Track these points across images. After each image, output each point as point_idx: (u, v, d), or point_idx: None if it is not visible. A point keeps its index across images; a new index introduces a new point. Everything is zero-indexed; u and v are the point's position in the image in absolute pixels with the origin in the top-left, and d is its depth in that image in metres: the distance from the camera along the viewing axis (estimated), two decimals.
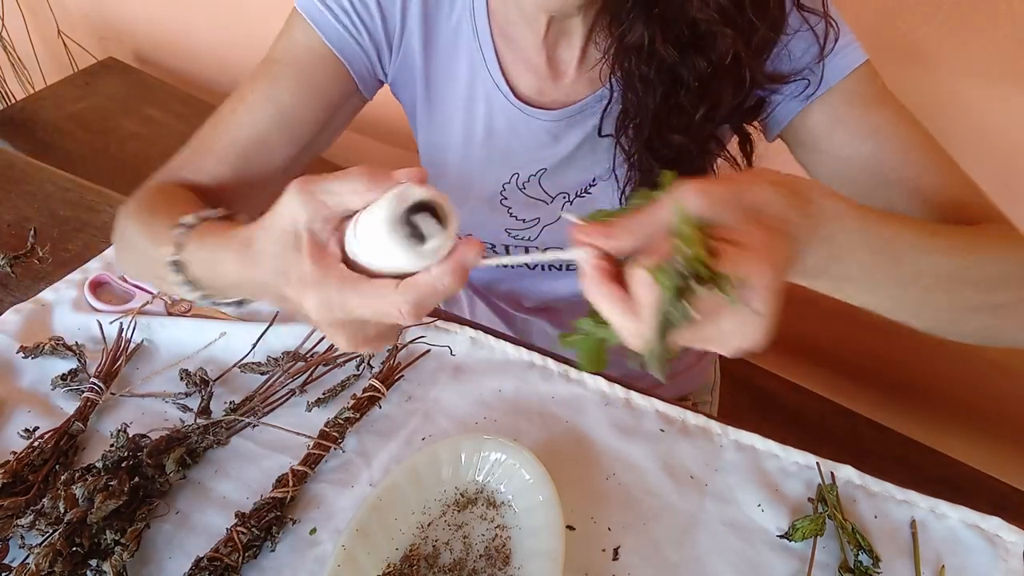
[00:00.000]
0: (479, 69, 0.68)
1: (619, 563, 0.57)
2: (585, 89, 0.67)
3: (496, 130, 0.71)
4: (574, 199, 0.73)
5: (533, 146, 0.70)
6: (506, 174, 0.73)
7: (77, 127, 1.67)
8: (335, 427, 0.63)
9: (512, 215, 0.76)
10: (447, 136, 0.74)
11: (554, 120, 0.68)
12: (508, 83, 0.68)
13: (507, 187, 0.74)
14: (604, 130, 0.67)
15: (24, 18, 1.93)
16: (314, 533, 0.58)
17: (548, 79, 0.68)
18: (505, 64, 0.68)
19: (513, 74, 0.68)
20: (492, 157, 0.72)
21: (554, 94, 0.68)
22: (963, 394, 1.30)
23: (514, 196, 0.74)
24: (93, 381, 0.65)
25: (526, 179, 0.73)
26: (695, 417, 0.67)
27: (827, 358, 1.42)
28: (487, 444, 0.60)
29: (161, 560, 0.56)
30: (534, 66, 0.67)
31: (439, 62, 0.69)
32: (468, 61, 0.68)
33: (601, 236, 0.40)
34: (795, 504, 0.61)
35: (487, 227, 0.78)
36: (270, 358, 0.70)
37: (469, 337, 0.74)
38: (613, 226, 0.40)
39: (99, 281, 0.77)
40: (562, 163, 0.71)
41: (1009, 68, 0.92)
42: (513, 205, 0.75)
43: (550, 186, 0.73)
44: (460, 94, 0.70)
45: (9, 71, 1.97)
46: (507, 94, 0.68)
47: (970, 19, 0.91)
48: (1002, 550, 0.58)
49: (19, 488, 0.57)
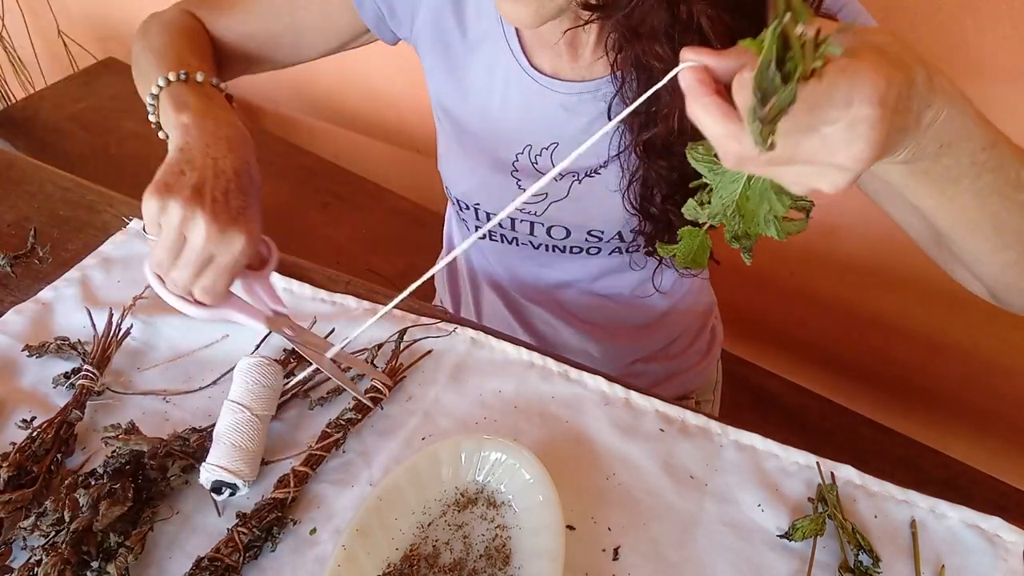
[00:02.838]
0: (499, 41, 0.70)
1: (619, 563, 0.57)
2: (601, 69, 0.68)
3: (511, 101, 0.72)
4: (583, 178, 0.74)
5: (547, 119, 0.72)
6: (519, 145, 0.74)
7: (77, 127, 1.68)
8: (336, 428, 0.63)
9: (521, 188, 0.76)
10: (463, 103, 0.76)
11: (567, 93, 0.69)
12: (526, 55, 0.70)
13: (520, 158, 0.75)
14: (614, 113, 0.67)
15: (24, 18, 1.93)
16: (314, 533, 0.58)
17: (565, 57, 0.69)
18: (524, 38, 0.70)
19: (531, 48, 0.70)
20: (506, 127, 0.74)
21: (570, 72, 0.70)
22: (963, 394, 1.31)
23: (525, 169, 0.75)
24: (87, 369, 0.65)
25: (539, 152, 0.74)
26: (695, 417, 0.67)
27: (827, 358, 1.42)
28: (487, 444, 0.61)
29: (162, 560, 0.56)
30: (551, 44, 0.69)
31: (463, 27, 0.72)
32: (490, 31, 0.70)
33: (708, 54, 0.38)
34: (795, 504, 0.61)
35: (496, 197, 0.79)
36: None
37: (469, 337, 0.74)
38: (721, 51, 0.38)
39: None
40: (575, 140, 0.72)
41: (1009, 68, 0.93)
42: (523, 178, 0.76)
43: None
44: (481, 61, 0.72)
45: (9, 71, 1.98)
46: (524, 66, 0.70)
47: (970, 19, 0.91)
48: (1002, 550, 0.58)
49: (25, 480, 0.58)
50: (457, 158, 0.81)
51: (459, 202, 0.83)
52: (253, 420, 0.60)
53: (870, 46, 0.36)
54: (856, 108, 0.34)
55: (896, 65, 0.36)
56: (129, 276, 0.79)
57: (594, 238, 0.78)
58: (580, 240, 0.79)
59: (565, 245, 0.80)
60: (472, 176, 0.79)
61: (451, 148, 0.81)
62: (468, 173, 0.80)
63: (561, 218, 0.77)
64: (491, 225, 0.54)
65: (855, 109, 0.34)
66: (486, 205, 0.80)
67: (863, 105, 0.34)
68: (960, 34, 0.93)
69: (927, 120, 0.39)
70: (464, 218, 0.85)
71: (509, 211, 0.49)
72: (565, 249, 0.81)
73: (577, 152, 0.45)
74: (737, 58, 0.37)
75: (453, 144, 0.80)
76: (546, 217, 0.78)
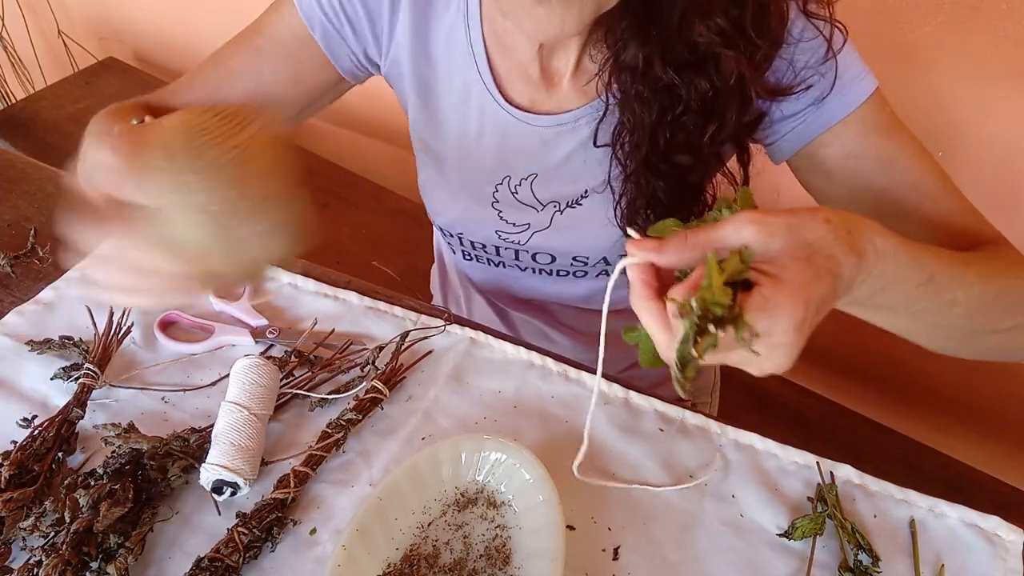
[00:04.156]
0: (471, 72, 0.68)
1: (619, 563, 0.57)
2: (578, 99, 0.66)
3: (487, 134, 0.70)
4: (564, 209, 0.73)
5: (524, 151, 0.70)
6: (498, 176, 0.73)
7: (77, 127, 1.67)
8: (337, 428, 0.63)
9: (502, 218, 0.76)
10: (440, 134, 0.74)
11: (544, 127, 0.68)
12: (500, 88, 0.68)
13: (499, 188, 0.74)
14: (600, 140, 0.66)
15: (24, 18, 1.93)
16: (314, 533, 0.58)
17: (541, 88, 0.67)
18: (497, 70, 0.67)
19: (505, 80, 0.68)
20: (484, 158, 0.72)
21: (546, 103, 0.68)
22: (963, 394, 1.30)
23: (505, 199, 0.74)
24: (88, 367, 0.65)
25: (518, 182, 0.73)
26: (694, 417, 0.67)
27: (827, 358, 1.42)
28: (487, 444, 0.61)
29: (162, 560, 0.56)
30: (527, 75, 0.67)
31: (432, 61, 0.69)
32: (461, 64, 0.68)
33: (651, 250, 0.42)
34: (794, 503, 0.61)
35: (478, 227, 0.78)
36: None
37: (469, 337, 0.74)
38: (665, 243, 0.42)
39: (168, 321, 0.74)
40: (553, 170, 0.71)
41: (1009, 68, 0.92)
42: (504, 208, 0.75)
43: (541, 193, 0.73)
44: (454, 95, 0.70)
45: (9, 71, 1.98)
46: (499, 99, 0.68)
47: (970, 19, 0.91)
48: (1001, 549, 0.58)
49: (26, 478, 0.58)
50: (438, 188, 0.79)
51: (443, 230, 0.82)
52: (252, 419, 0.60)
53: (801, 252, 0.40)
54: (776, 337, 0.39)
55: (821, 271, 0.40)
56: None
57: (579, 263, 0.77)
58: (566, 265, 0.79)
59: (552, 269, 0.80)
60: (454, 206, 0.78)
61: (432, 178, 0.79)
62: (450, 203, 0.79)
63: (545, 246, 0.77)
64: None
65: (775, 338, 0.39)
66: (469, 235, 0.79)
67: (781, 335, 0.38)
68: (960, 34, 0.93)
69: (857, 284, 0.43)
70: (450, 243, 0.85)
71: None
72: (552, 272, 0.81)
73: None
74: (678, 255, 0.41)
75: (434, 175, 0.78)
76: (530, 245, 0.77)
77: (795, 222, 0.40)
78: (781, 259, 0.40)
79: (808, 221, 0.41)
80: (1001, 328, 0.55)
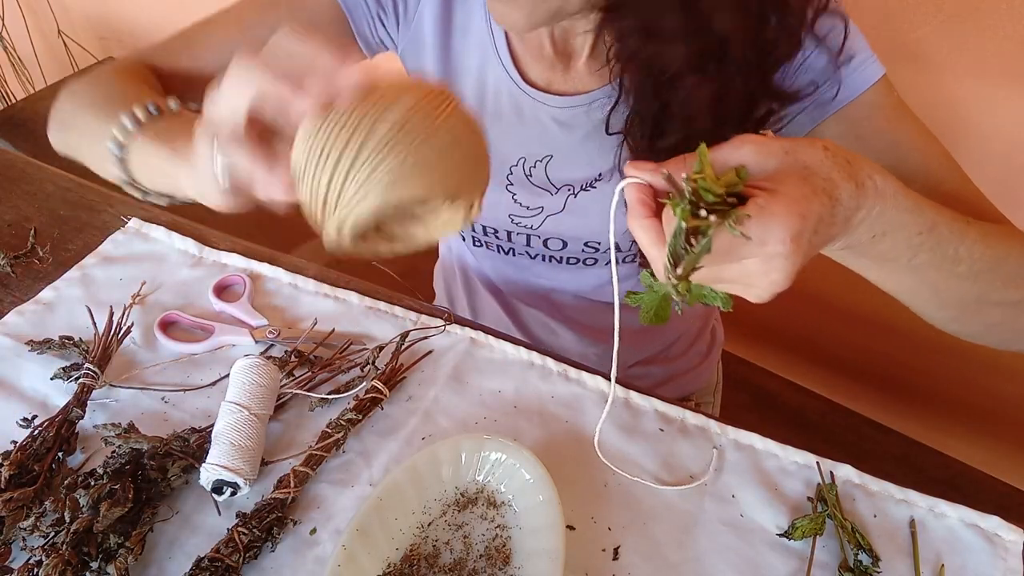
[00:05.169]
0: (489, 53, 0.69)
1: (619, 563, 0.57)
2: (594, 81, 0.67)
3: (504, 113, 0.71)
4: (579, 192, 0.73)
5: (539, 132, 0.71)
6: (513, 157, 0.73)
7: None
8: (337, 428, 0.63)
9: (516, 201, 0.76)
10: None
11: (560, 107, 0.68)
12: (518, 69, 0.68)
13: (514, 171, 0.74)
14: (612, 127, 0.67)
15: (24, 18, 1.93)
16: (314, 533, 0.58)
17: (558, 69, 0.68)
18: (515, 50, 0.68)
19: (523, 61, 0.69)
20: (500, 139, 0.72)
21: (563, 84, 0.68)
22: (964, 394, 1.30)
23: (520, 182, 0.75)
24: (87, 367, 0.65)
25: (532, 164, 0.73)
26: (694, 417, 0.67)
27: (827, 358, 1.42)
28: (487, 444, 0.61)
29: (162, 560, 0.56)
30: (544, 55, 0.67)
31: (452, 41, 0.70)
32: (479, 44, 0.69)
33: (647, 170, 0.43)
34: (794, 503, 0.61)
35: (491, 210, 0.78)
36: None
37: (469, 337, 0.74)
38: (663, 163, 0.42)
39: (168, 321, 0.74)
40: (569, 152, 0.71)
41: (1009, 68, 0.93)
42: (518, 191, 0.75)
43: (556, 176, 0.73)
44: (471, 75, 0.71)
45: (9, 71, 1.98)
46: (516, 79, 0.68)
47: (970, 19, 0.91)
48: (1001, 549, 0.58)
49: (26, 478, 0.58)
50: None
51: None
52: (251, 419, 0.60)
53: (797, 171, 0.40)
54: (771, 247, 0.38)
55: (818, 189, 0.39)
56: (130, 274, 0.79)
57: (591, 249, 0.78)
58: (577, 251, 0.79)
59: (562, 256, 0.80)
60: None
61: None
62: None
63: (558, 231, 0.77)
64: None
65: (769, 248, 0.38)
66: (481, 219, 0.79)
67: (776, 244, 0.38)
68: (960, 34, 0.93)
69: (857, 220, 0.43)
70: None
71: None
72: (562, 260, 0.81)
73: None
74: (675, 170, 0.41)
75: None
76: (543, 230, 0.77)
77: (792, 146, 0.41)
78: (777, 176, 0.40)
79: (807, 147, 0.41)
80: (1006, 300, 0.54)
